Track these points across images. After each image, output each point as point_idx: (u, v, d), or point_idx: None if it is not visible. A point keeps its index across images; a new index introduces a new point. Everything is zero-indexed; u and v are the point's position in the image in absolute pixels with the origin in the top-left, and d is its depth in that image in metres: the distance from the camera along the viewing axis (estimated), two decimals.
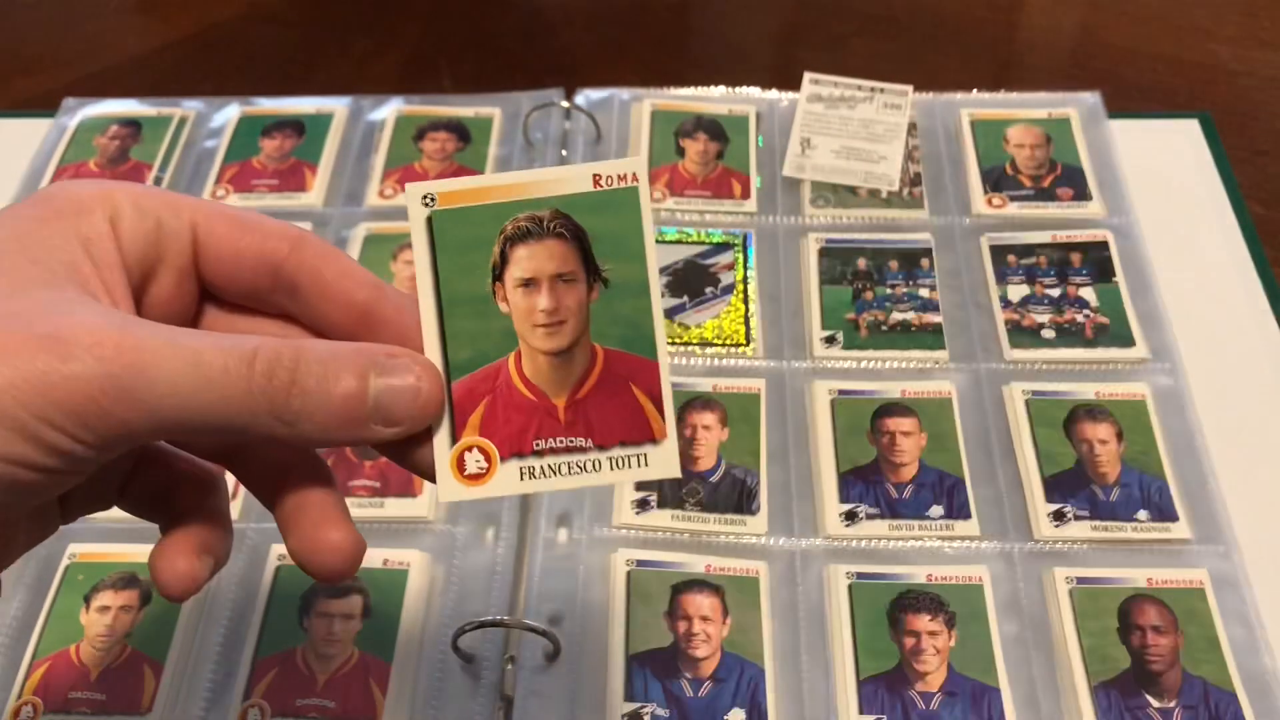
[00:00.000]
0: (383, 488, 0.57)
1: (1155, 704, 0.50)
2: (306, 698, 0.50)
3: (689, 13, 0.93)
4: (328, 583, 0.31)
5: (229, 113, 0.76)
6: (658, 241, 0.67)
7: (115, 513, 0.58)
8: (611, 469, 0.31)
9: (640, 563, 0.54)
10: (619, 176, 0.31)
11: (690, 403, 0.59)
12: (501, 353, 0.31)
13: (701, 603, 0.52)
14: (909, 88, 0.74)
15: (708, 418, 0.59)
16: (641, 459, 0.31)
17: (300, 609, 0.52)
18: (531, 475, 0.31)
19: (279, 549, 0.54)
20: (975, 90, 0.76)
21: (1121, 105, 0.75)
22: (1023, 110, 0.74)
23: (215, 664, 0.51)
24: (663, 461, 0.31)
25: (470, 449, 0.31)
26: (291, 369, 0.28)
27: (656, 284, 0.31)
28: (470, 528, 0.56)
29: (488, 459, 0.31)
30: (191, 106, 0.77)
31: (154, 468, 0.35)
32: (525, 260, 0.31)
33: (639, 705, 0.50)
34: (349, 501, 0.38)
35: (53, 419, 0.26)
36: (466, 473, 0.31)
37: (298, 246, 0.32)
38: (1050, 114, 0.74)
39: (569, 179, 0.31)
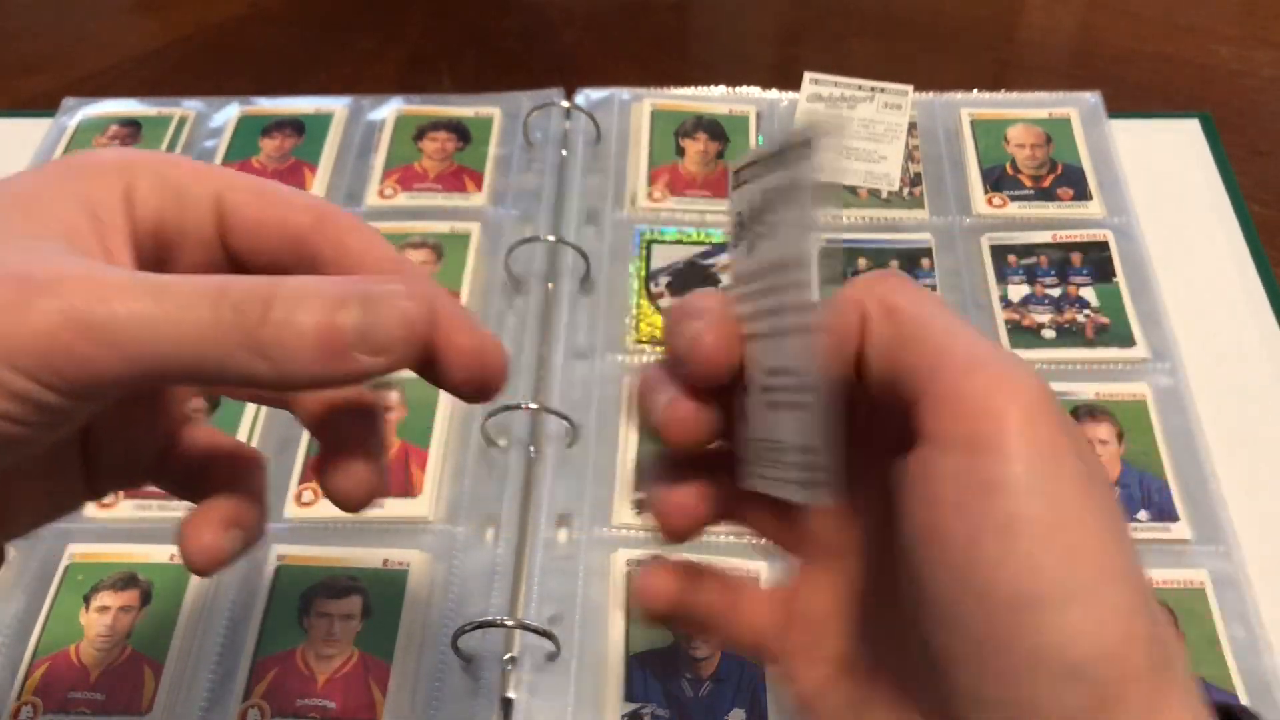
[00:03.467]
0: None
1: None
2: (306, 698, 0.50)
3: (689, 13, 0.93)
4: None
5: (229, 112, 0.76)
6: (658, 242, 0.67)
7: (115, 512, 0.58)
8: None
9: (641, 562, 0.54)
10: None
11: None
12: None
13: None
14: (909, 88, 0.74)
15: None
16: None
17: (300, 609, 0.52)
18: None
19: (279, 549, 0.54)
20: (975, 90, 0.76)
21: (1121, 105, 0.75)
22: (1023, 110, 0.74)
23: (215, 664, 0.51)
24: None
25: None
26: (266, 300, 0.26)
27: None
28: (470, 528, 0.56)
29: None
30: (191, 106, 0.77)
31: (192, 444, 0.34)
32: None
33: (639, 705, 0.49)
34: None
35: (16, 361, 0.25)
36: None
37: (321, 220, 0.31)
38: (1050, 114, 0.74)
39: None
